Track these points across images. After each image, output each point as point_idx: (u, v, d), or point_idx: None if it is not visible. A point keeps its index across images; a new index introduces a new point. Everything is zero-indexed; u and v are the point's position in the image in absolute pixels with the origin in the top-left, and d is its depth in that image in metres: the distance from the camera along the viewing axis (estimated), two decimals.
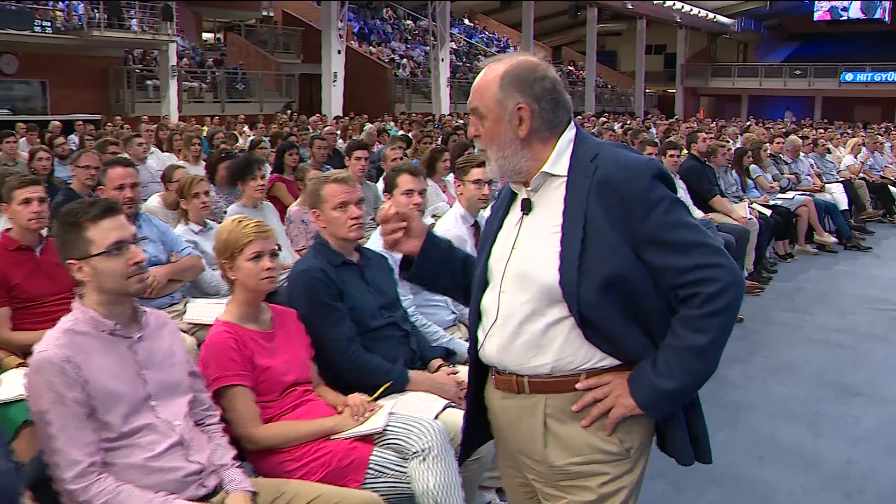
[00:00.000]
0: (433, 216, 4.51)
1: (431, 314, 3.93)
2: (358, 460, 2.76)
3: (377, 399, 3.01)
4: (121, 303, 2.47)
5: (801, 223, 9.79)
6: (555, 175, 2.05)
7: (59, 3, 23.51)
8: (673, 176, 7.38)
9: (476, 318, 2.19)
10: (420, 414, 2.96)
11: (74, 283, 4.21)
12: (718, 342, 1.95)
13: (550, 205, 2.04)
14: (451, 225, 4.31)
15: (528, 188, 2.09)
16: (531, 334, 2.05)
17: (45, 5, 23.13)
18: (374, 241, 3.72)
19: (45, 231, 4.10)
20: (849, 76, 40.31)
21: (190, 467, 2.43)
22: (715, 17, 42.38)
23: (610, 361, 2.03)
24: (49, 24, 22.67)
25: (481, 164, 4.35)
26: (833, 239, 10.05)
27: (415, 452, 2.75)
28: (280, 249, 3.13)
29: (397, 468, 2.76)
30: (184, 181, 5.00)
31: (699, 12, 40.61)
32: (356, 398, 2.94)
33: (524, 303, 2.05)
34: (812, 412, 5.04)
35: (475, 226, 4.38)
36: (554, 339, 2.03)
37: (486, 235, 2.25)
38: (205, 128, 16.73)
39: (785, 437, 4.65)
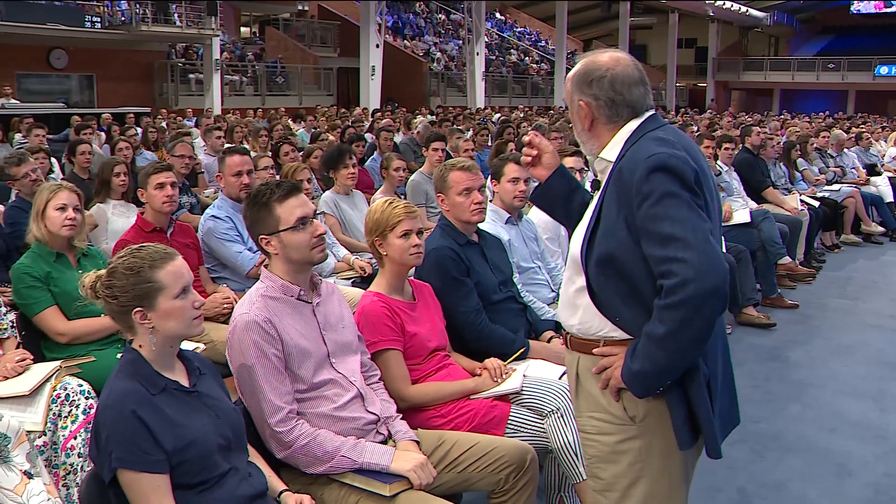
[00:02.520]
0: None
1: (533, 291, 4.25)
2: (498, 416, 3.10)
3: (510, 363, 3.35)
4: (304, 271, 2.81)
5: (847, 214, 10.04)
6: (608, 160, 2.29)
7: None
8: (727, 167, 7.79)
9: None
10: (547, 376, 3.30)
11: (199, 262, 4.60)
12: (677, 335, 2.03)
13: (602, 187, 2.28)
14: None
15: (598, 170, 2.38)
16: (568, 296, 2.37)
17: (92, 1, 23.65)
18: (488, 224, 4.04)
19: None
20: (883, 70, 39.97)
21: (368, 417, 2.77)
22: (748, 10, 42.26)
23: (621, 334, 2.23)
24: (98, 19, 23.18)
25: (574, 154, 4.68)
26: (880, 229, 10.30)
27: (551, 410, 3.08)
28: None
29: (534, 424, 3.09)
30: (287, 169, 5.35)
31: (732, 6, 40.49)
32: (493, 362, 3.26)
33: (568, 268, 2.38)
34: (875, 390, 5.32)
35: None
36: (580, 305, 2.30)
37: None
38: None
39: (852, 412, 4.94)
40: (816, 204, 9.14)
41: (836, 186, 10.18)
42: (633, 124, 2.28)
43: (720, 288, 2.00)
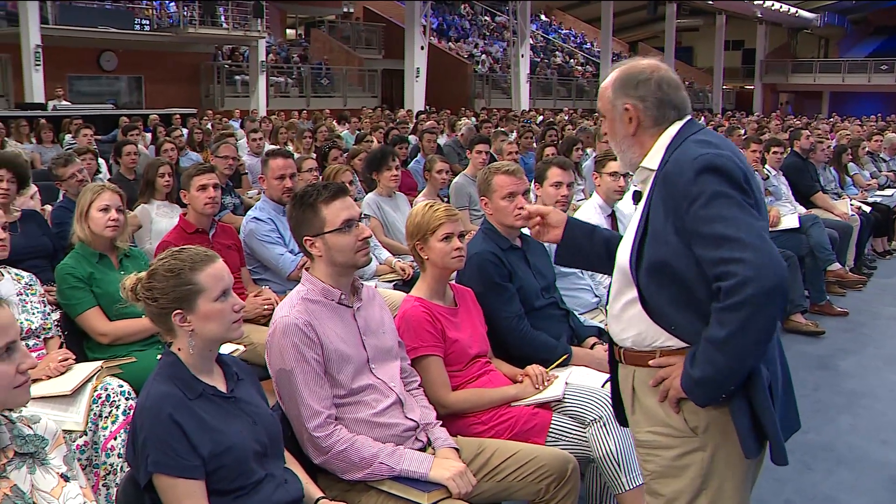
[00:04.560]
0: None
1: (576, 297, 4.19)
2: (540, 424, 3.04)
3: (552, 370, 3.29)
4: (346, 275, 2.78)
5: None
6: (650, 169, 2.25)
7: (154, 1, 24.41)
8: (775, 171, 7.65)
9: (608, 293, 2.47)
10: (589, 384, 3.23)
11: (241, 264, 4.60)
12: (738, 337, 1.97)
13: (646, 196, 2.24)
14: (590, 214, 4.58)
15: (638, 181, 2.35)
16: (618, 310, 2.31)
17: (141, 4, 24.05)
18: None
19: None
20: None
21: (407, 423, 2.74)
22: (797, 11, 41.62)
23: (676, 342, 2.18)
24: (147, 22, 23.57)
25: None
26: None
27: (593, 419, 3.01)
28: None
29: (575, 433, 3.02)
30: (330, 171, 5.34)
31: (780, 7, 39.90)
32: (535, 369, 3.21)
33: (616, 282, 2.32)
34: None
35: (612, 215, 4.64)
36: (632, 317, 2.25)
37: None
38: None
39: None
40: (868, 209, 8.94)
41: (888, 191, 9.97)
42: (674, 129, 2.24)
43: (780, 285, 1.96)
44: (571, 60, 39.81)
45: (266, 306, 4.36)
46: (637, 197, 2.34)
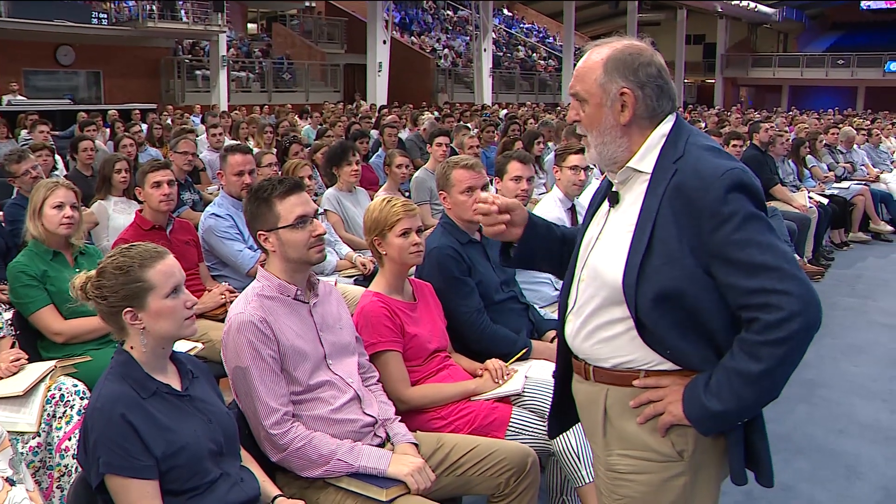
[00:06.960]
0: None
1: (536, 290, 4.19)
2: (499, 419, 3.03)
3: (512, 364, 3.29)
4: (301, 271, 2.76)
5: (856, 212, 9.96)
6: (640, 171, 2.00)
7: None
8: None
9: (564, 298, 2.22)
10: (549, 378, 3.23)
11: (199, 259, 4.55)
12: (775, 372, 1.82)
13: (633, 201, 2.00)
14: (551, 208, 4.58)
15: (616, 181, 2.07)
16: (596, 327, 2.06)
17: None
18: None
19: None
20: (894, 66, 39.62)
21: (365, 419, 2.72)
22: (756, 6, 42.09)
23: (669, 366, 1.98)
24: (105, 16, 23.24)
25: (579, 152, 4.60)
26: (889, 227, 10.22)
27: None
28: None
29: (536, 426, 3.02)
30: (289, 165, 5.30)
31: (740, 2, 40.36)
32: (494, 363, 3.21)
33: (593, 296, 2.06)
34: (885, 390, 5.24)
35: (572, 209, 4.64)
36: (616, 336, 2.02)
37: (583, 220, 2.25)
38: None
39: (862, 413, 4.86)
40: (825, 201, 9.07)
41: (845, 184, 10.12)
42: (666, 126, 2.00)
43: (820, 319, 1.82)
44: (534, 55, 39.90)
45: (223, 296, 4.31)
46: (613, 199, 2.07)
